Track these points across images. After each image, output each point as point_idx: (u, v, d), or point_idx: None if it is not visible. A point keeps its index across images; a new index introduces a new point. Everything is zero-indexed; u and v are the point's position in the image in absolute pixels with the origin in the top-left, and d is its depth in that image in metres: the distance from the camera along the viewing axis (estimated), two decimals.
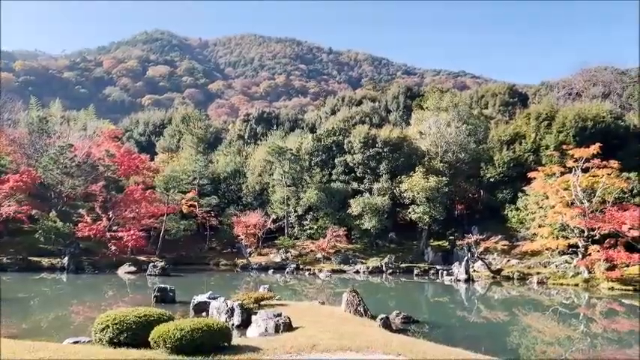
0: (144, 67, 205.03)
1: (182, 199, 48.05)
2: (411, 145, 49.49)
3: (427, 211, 42.59)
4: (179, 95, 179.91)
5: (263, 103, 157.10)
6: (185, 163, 54.43)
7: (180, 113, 77.54)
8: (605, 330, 18.91)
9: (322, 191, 46.70)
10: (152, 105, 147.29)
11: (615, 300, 26.15)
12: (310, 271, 39.55)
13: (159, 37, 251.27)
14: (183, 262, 42.35)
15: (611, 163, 32.95)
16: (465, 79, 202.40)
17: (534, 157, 43.87)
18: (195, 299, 18.27)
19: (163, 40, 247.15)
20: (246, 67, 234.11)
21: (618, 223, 30.79)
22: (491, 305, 25.93)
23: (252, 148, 61.96)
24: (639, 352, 15.12)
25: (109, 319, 9.75)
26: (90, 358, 8.50)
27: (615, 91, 70.45)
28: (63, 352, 8.87)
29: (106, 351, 9.06)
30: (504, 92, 70.87)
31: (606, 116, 45.19)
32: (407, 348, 10.27)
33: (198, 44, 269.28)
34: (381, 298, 26.93)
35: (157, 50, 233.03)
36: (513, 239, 40.18)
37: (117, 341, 9.59)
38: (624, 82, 74.56)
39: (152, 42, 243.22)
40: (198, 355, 8.89)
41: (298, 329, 13.01)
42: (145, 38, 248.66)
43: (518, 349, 15.40)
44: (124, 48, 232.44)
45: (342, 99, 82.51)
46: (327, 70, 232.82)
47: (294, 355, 9.53)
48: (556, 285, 31.94)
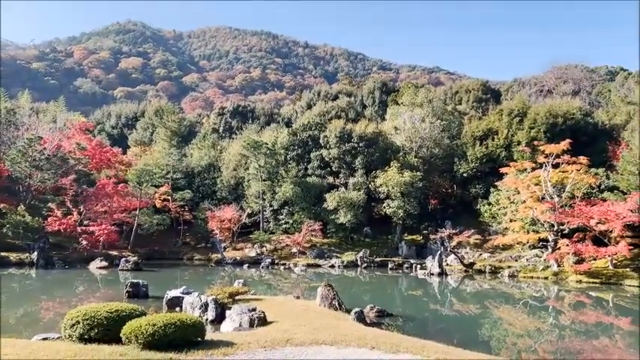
0: (116, 59, 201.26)
1: (155, 193, 47.46)
2: (386, 140, 49.78)
3: (402, 205, 42.95)
4: (152, 88, 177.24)
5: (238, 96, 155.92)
6: (158, 156, 53.72)
7: (154, 106, 76.46)
8: (573, 322, 19.40)
9: (298, 186, 46.66)
10: (125, 97, 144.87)
11: (583, 292, 26.84)
12: (285, 265, 39.53)
13: (132, 28, 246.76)
14: (156, 257, 41.90)
15: (580, 159, 33.75)
16: (439, 75, 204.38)
17: (506, 153, 44.59)
18: (169, 294, 18.08)
19: (136, 32, 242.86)
20: (221, 60, 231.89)
21: (586, 217, 31.56)
22: (463, 298, 26.33)
23: (227, 142, 61.47)
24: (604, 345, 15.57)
25: (80, 315, 9.56)
26: (59, 354, 8.33)
27: (585, 88, 72.15)
28: (31, 348, 8.67)
29: (76, 347, 8.88)
30: (478, 88, 71.82)
31: (576, 113, 46.23)
32: (380, 341, 10.35)
33: (172, 36, 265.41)
34: (356, 292, 27.08)
35: (130, 42, 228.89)
36: (485, 233, 40.87)
37: (87, 337, 9.41)
38: (593, 80, 76.40)
39: (125, 33, 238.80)
40: (171, 351, 8.79)
41: (273, 323, 13.00)
42: (118, 29, 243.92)
43: (489, 341, 15.68)
44: (95, 39, 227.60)
45: (318, 93, 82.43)
46: (303, 65, 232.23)
47: (269, 349, 9.51)
48: (527, 278, 32.61)
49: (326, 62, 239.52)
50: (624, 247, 29.14)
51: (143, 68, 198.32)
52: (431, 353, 9.45)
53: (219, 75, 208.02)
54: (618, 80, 69.73)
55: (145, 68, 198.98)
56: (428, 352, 9.49)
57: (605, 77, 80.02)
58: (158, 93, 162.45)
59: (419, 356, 9.29)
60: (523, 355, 13.48)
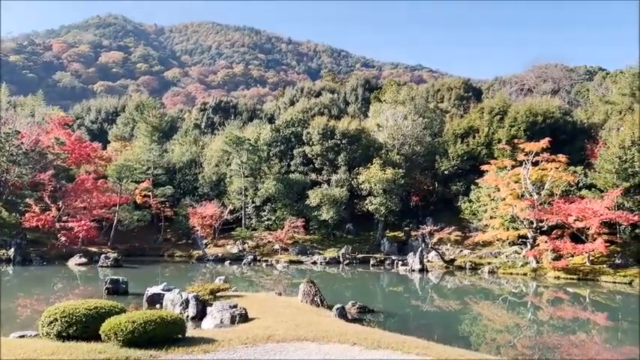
0: (96, 53, 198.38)
1: (136, 189, 46.99)
2: (368, 137, 49.90)
3: (384, 202, 43.14)
4: (133, 82, 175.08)
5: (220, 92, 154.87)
6: (139, 152, 53.13)
7: (135, 101, 75.49)
8: (551, 317, 19.72)
9: (280, 182, 46.55)
10: (105, 92, 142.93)
11: (561, 288, 27.30)
12: (267, 262, 39.46)
13: (112, 21, 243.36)
14: (136, 254, 41.53)
15: (559, 158, 34.23)
16: (421, 73, 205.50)
17: (487, 151, 45.03)
18: (149, 291, 17.94)
19: (117, 26, 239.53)
20: (204, 55, 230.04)
21: (565, 214, 32.04)
22: (444, 294, 26.58)
23: (209, 138, 61.03)
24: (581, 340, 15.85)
25: (58, 312, 9.44)
26: (36, 352, 8.20)
27: (564, 87, 73.18)
28: (7, 347, 8.53)
29: (54, 345, 8.76)
30: (459, 87, 72.39)
31: (555, 112, 46.87)
32: (362, 337, 10.40)
33: (153, 30, 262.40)
34: (338, 288, 27.16)
35: (110, 35, 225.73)
36: (466, 230, 41.23)
37: (65, 335, 9.30)
38: (573, 79, 77.53)
39: (105, 27, 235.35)
40: (152, 348, 8.74)
41: (254, 320, 12.97)
42: (98, 23, 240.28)
43: (469, 336, 15.87)
44: (75, 32, 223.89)
45: (301, 90, 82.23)
46: (286, 61, 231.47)
47: (250, 346, 9.49)
48: (506, 274, 33.04)
49: (309, 58, 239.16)
50: (601, 244, 29.64)
51: (124, 62, 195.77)
52: (411, 349, 9.52)
53: (201, 70, 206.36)
54: (597, 80, 70.85)
55: (125, 62, 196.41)
56: (408, 348, 9.56)
57: (583, 77, 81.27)
58: (139, 88, 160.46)
59: (399, 352, 9.36)
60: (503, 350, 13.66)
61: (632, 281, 28.02)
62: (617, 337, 16.51)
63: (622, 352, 14.44)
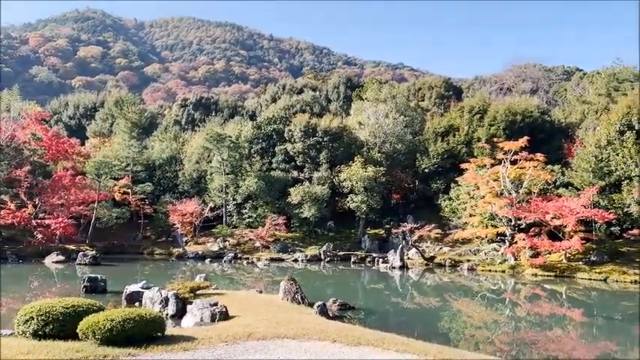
0: (74, 47, 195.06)
1: (115, 185, 46.43)
2: (350, 135, 50.02)
3: (365, 200, 43.30)
4: (112, 78, 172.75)
5: (201, 88, 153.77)
6: (118, 148, 52.46)
7: (114, 96, 74.48)
8: (528, 314, 20.04)
9: (262, 179, 46.38)
10: (83, 87, 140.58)
11: (538, 285, 27.74)
12: (248, 259, 39.32)
13: (91, 16, 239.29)
14: (115, 252, 41.05)
15: (537, 156, 34.74)
16: (403, 72, 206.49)
17: (467, 149, 45.49)
18: (128, 289, 17.77)
19: (96, 20, 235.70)
20: (184, 50, 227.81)
21: (542, 212, 32.55)
22: (424, 291, 26.83)
23: (190, 135, 60.53)
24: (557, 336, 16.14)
25: (34, 311, 9.27)
26: (12, 351, 8.05)
27: (542, 87, 74.25)
28: None
29: (30, 344, 8.61)
30: (440, 85, 72.93)
31: (534, 111, 47.55)
32: (342, 334, 10.44)
33: (133, 25, 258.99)
34: (319, 285, 27.21)
35: (89, 30, 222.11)
36: (446, 228, 41.62)
37: (42, 333, 9.13)
38: (551, 79, 78.73)
39: (83, 21, 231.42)
40: (130, 347, 8.65)
41: (235, 318, 12.93)
42: (76, 17, 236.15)
43: (448, 333, 16.04)
44: (52, 26, 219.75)
45: (283, 87, 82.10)
46: (268, 57, 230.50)
47: (230, 343, 9.46)
48: (485, 271, 33.47)
49: (291, 56, 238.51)
50: (577, 241, 30.18)
51: (103, 57, 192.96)
52: (391, 345, 9.59)
53: (182, 66, 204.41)
54: (574, 80, 72.02)
55: (104, 57, 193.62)
56: (388, 345, 9.63)
57: (561, 77, 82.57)
58: (118, 83, 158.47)
59: (379, 348, 9.42)
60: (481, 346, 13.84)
61: (607, 278, 28.62)
62: (592, 333, 16.86)
63: (597, 347, 14.75)
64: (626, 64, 52.55)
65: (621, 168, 33.73)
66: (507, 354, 12.68)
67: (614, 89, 49.29)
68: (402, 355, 9.05)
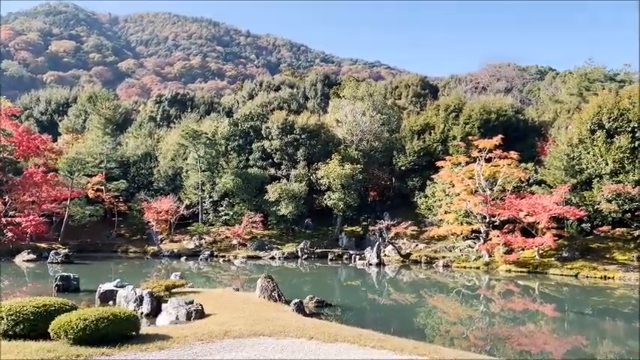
0: (46, 41, 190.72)
1: (88, 182, 45.58)
2: (328, 132, 50.07)
3: (342, 197, 43.42)
4: (86, 73, 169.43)
5: (177, 84, 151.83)
6: (91, 144, 51.57)
7: (87, 92, 73.08)
8: (502, 309, 20.37)
9: (239, 177, 46.10)
10: (55, 82, 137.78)
11: (512, 281, 28.21)
12: (225, 257, 39.05)
13: (63, 9, 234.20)
14: (88, 250, 40.38)
15: (511, 154, 35.31)
16: (380, 70, 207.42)
17: (442, 147, 45.93)
18: (102, 287, 17.48)
19: (68, 14, 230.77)
20: (160, 46, 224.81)
21: (516, 210, 33.09)
22: (400, 288, 27.04)
23: (165, 131, 59.81)
24: (530, 330, 16.45)
25: (4, 310, 9.08)
26: None
27: (516, 86, 75.50)
28: None
29: None
30: (417, 84, 73.51)
31: (508, 110, 48.28)
32: (319, 331, 10.46)
33: (107, 20, 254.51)
34: (296, 283, 27.20)
35: (61, 24, 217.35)
36: (422, 225, 42.01)
37: (12, 334, 8.96)
38: (524, 79, 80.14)
39: (55, 14, 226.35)
40: (104, 346, 8.52)
41: (211, 316, 12.84)
42: (48, 10, 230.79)
43: (424, 329, 16.20)
44: (22, 19, 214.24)
45: (261, 84, 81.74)
46: (245, 54, 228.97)
47: (206, 342, 9.39)
48: (460, 268, 33.89)
49: (268, 52, 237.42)
50: (550, 238, 30.78)
51: (75, 52, 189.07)
52: (367, 341, 9.64)
53: (157, 62, 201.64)
54: (547, 80, 73.46)
55: (77, 52, 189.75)
56: (364, 341, 9.68)
57: (535, 76, 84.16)
58: (92, 78, 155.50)
59: (355, 345, 9.46)
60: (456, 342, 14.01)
61: (578, 274, 29.26)
62: (563, 328, 17.21)
63: (568, 341, 15.08)
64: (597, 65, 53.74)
65: (592, 166, 34.49)
66: (481, 349, 12.86)
67: (586, 89, 50.38)
68: (379, 351, 9.11)
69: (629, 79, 49.48)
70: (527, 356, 12.55)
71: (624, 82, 47.89)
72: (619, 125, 33.89)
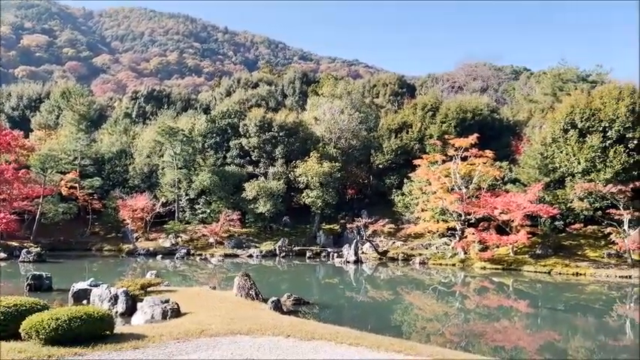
0: (17, 35, 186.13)
1: (61, 180, 44.72)
2: (306, 130, 50.03)
3: (320, 195, 43.47)
4: (59, 68, 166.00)
5: (153, 80, 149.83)
6: (65, 141, 50.51)
7: (60, 87, 71.68)
8: (477, 306, 20.66)
9: (216, 174, 45.75)
10: (27, 77, 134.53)
11: (487, 278, 28.64)
12: (202, 256, 38.75)
13: (35, 3, 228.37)
14: (62, 248, 39.67)
15: (487, 153, 35.83)
16: (358, 68, 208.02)
17: (419, 146, 46.33)
18: (75, 287, 17.16)
19: (40, 7, 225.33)
20: (135, 41, 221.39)
21: (491, 207, 33.58)
22: (377, 285, 27.20)
23: (141, 128, 58.96)
24: (504, 327, 16.71)
25: None
26: None
27: (492, 86, 76.64)
28: None
29: None
30: (394, 83, 74.01)
31: (484, 109, 48.95)
32: (296, 329, 10.45)
33: (81, 14, 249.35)
34: (274, 281, 27.14)
35: (34, 17, 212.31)
36: (399, 222, 42.32)
37: None
38: (500, 78, 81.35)
39: (27, 8, 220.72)
40: (77, 346, 8.37)
41: (187, 315, 12.73)
42: (19, 3, 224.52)
43: (401, 325, 16.33)
44: None
45: (238, 80, 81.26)
46: (222, 50, 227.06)
47: (182, 341, 9.30)
48: (436, 265, 34.26)
49: (246, 49, 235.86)
50: (524, 235, 31.29)
51: (48, 47, 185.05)
52: (344, 339, 9.68)
53: (133, 57, 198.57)
54: (522, 79, 74.66)
55: (50, 47, 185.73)
56: (342, 338, 9.71)
57: (510, 76, 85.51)
58: (65, 74, 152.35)
59: (332, 342, 9.48)
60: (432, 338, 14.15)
61: (551, 270, 29.85)
62: (537, 323, 17.53)
63: (541, 336, 15.36)
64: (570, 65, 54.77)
65: (565, 165, 35.19)
66: (457, 345, 13.02)
67: (559, 89, 51.32)
68: (356, 348, 9.15)
69: (600, 80, 50.48)
70: (502, 352, 12.75)
71: (596, 83, 48.87)
72: (591, 125, 34.65)
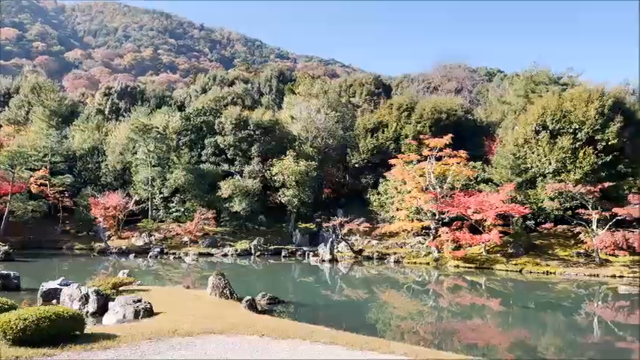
0: None
1: (31, 177, 43.64)
2: (282, 128, 49.89)
3: (296, 194, 43.41)
4: (29, 62, 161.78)
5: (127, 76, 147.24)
6: (35, 137, 49.38)
7: (31, 82, 69.80)
8: (450, 304, 20.91)
9: (190, 172, 45.26)
10: None
11: (460, 277, 29.01)
12: (176, 254, 38.29)
13: None
14: (31, 247, 38.70)
15: (461, 153, 36.28)
16: (335, 68, 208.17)
17: (395, 145, 46.68)
18: (45, 286, 16.77)
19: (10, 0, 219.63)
20: (109, 36, 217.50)
21: (464, 207, 34.03)
22: (352, 284, 27.31)
23: (114, 125, 57.97)
24: (477, 325, 16.95)
25: None
26: None
27: (467, 87, 77.60)
28: None
29: None
30: (371, 82, 74.28)
31: (458, 110, 49.58)
32: (271, 328, 10.42)
33: (53, 8, 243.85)
34: (249, 280, 27.00)
35: (3, 10, 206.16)
36: (374, 221, 42.55)
37: None
38: (474, 80, 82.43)
39: None
40: (46, 346, 8.19)
41: (160, 314, 12.57)
42: None
43: (375, 324, 16.41)
44: None
45: (214, 78, 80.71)
46: (198, 47, 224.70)
47: (154, 340, 9.17)
48: (410, 264, 34.57)
49: (222, 46, 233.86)
50: (496, 234, 31.79)
51: (18, 40, 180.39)
52: (319, 337, 9.68)
53: (107, 53, 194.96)
54: (495, 81, 75.87)
55: (20, 40, 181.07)
56: (316, 337, 9.71)
57: (484, 77, 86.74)
58: (36, 68, 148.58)
59: (307, 341, 9.48)
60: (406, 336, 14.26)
61: (522, 269, 30.41)
62: (508, 321, 17.84)
63: (512, 334, 15.64)
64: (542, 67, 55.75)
65: (536, 165, 35.89)
66: (430, 343, 13.15)
67: (531, 91, 52.15)
68: (331, 346, 9.16)
69: (571, 83, 51.53)
70: (475, 350, 12.93)
71: (567, 85, 49.87)
72: (562, 126, 35.42)
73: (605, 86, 38.33)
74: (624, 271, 28.62)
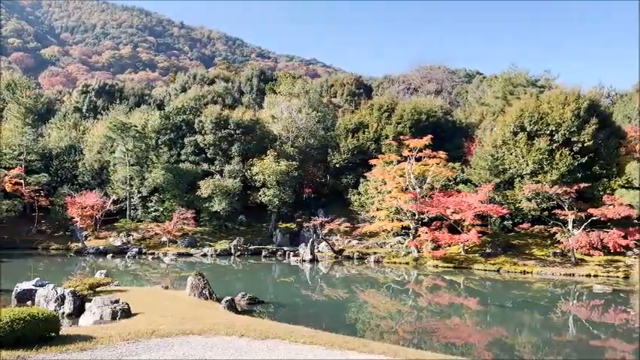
0: None
1: (5, 175, 42.78)
2: (263, 128, 49.69)
3: (277, 194, 43.28)
4: (4, 59, 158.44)
5: (105, 74, 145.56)
6: (10, 135, 48.40)
7: (5, 79, 68.42)
8: (429, 303, 21.10)
9: (170, 172, 44.80)
10: None
11: (439, 276, 29.27)
12: (154, 255, 37.89)
13: None
14: (5, 247, 37.92)
15: (440, 154, 36.62)
16: (316, 67, 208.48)
17: (375, 146, 46.86)
18: (19, 287, 16.46)
19: None
20: (87, 33, 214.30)
21: (443, 207, 34.35)
22: (332, 284, 27.35)
23: (92, 123, 57.17)
24: (455, 324, 17.12)
25: None
26: None
27: (446, 88, 78.35)
28: None
29: None
30: (352, 83, 74.49)
31: (437, 111, 49.99)
32: (250, 328, 10.38)
33: (28, 3, 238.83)
34: (228, 280, 26.86)
35: None
36: (355, 221, 42.62)
37: None
38: (454, 81, 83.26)
39: None
40: (20, 348, 8.04)
41: (138, 315, 12.43)
42: None
43: (355, 324, 16.47)
44: None
45: (194, 76, 79.96)
46: (178, 45, 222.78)
47: (132, 342, 9.06)
48: (390, 263, 34.75)
49: (203, 45, 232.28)
50: (474, 234, 32.14)
51: None
52: (298, 338, 9.67)
53: (84, 50, 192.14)
54: (475, 83, 76.66)
55: None
56: (296, 337, 9.71)
57: (464, 79, 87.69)
58: (11, 65, 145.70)
59: (286, 341, 9.47)
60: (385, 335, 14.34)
61: (500, 269, 30.82)
62: (486, 320, 18.07)
63: (490, 333, 15.84)
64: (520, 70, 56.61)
65: (514, 166, 36.39)
66: (409, 342, 13.24)
67: (510, 93, 52.95)
68: (310, 346, 9.16)
69: (548, 85, 52.42)
70: (454, 348, 13.06)
71: (544, 88, 50.71)
72: (539, 128, 35.97)
73: (580, 89, 39.08)
74: (599, 270, 29.22)
